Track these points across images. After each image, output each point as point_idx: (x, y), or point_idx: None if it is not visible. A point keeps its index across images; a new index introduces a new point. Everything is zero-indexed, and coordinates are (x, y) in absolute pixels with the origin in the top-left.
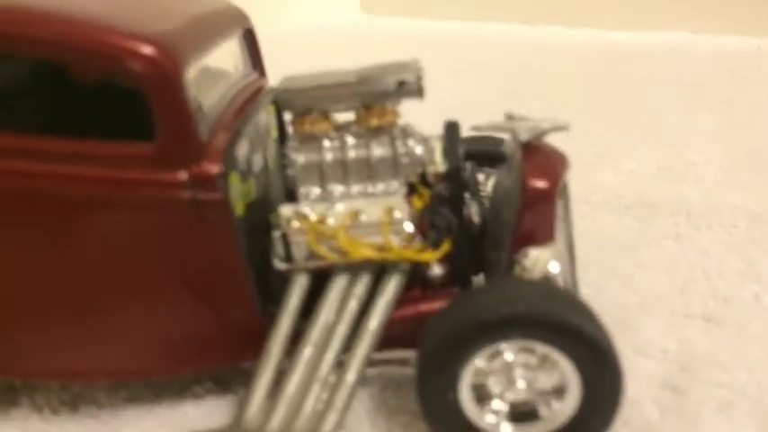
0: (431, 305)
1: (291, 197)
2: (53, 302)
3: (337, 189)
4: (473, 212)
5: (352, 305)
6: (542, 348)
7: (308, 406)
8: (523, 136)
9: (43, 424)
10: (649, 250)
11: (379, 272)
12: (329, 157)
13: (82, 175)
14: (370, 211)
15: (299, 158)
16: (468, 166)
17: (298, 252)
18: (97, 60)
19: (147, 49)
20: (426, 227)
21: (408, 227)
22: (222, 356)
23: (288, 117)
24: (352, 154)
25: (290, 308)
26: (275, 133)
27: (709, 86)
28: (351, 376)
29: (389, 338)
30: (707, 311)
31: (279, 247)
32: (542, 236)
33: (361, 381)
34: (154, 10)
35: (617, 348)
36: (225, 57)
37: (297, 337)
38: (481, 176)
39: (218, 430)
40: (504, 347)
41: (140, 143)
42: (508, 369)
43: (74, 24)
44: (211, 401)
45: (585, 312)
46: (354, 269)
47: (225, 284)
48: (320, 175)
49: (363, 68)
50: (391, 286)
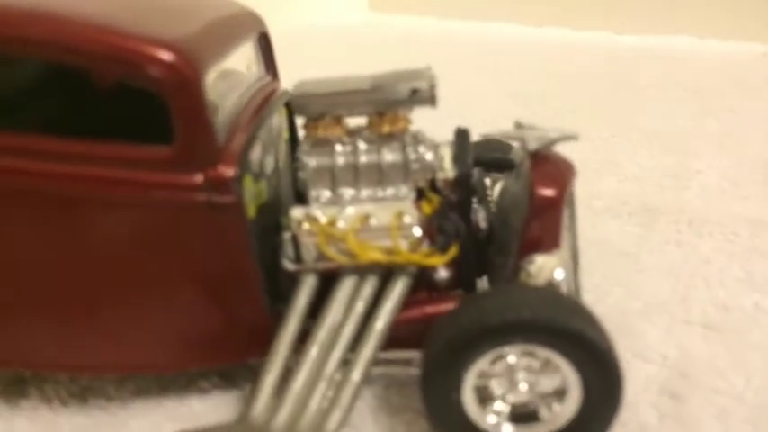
0: (436, 307)
1: (301, 198)
2: (67, 297)
3: (348, 193)
4: (480, 218)
5: (359, 306)
6: (544, 352)
7: (314, 403)
8: (532, 145)
9: (52, 415)
10: (651, 257)
11: (387, 274)
12: (341, 161)
13: (101, 177)
14: (380, 216)
15: (310, 162)
16: (476, 171)
17: (307, 253)
18: (117, 65)
19: (166, 55)
20: (434, 231)
21: (417, 231)
22: (231, 353)
23: (300, 121)
24: (363, 159)
25: (298, 307)
26: (287, 135)
27: (715, 93)
28: (356, 375)
29: (395, 339)
30: (707, 318)
31: (288, 249)
32: (548, 243)
33: (366, 380)
34: (172, 14)
35: (617, 353)
36: (239, 59)
37: (304, 336)
38: (488, 181)
39: (225, 425)
40: (508, 351)
41: (158, 146)
42: (511, 372)
43: (93, 29)
44: (217, 396)
45: (587, 318)
46: (362, 271)
47: (235, 284)
48: (331, 178)
49: (377, 75)
50: (398, 289)
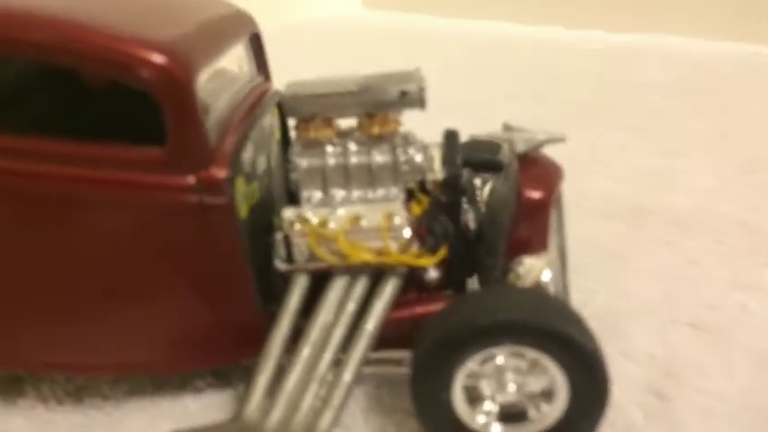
0: (426, 308)
1: (293, 198)
2: (62, 298)
3: (339, 194)
4: (470, 219)
5: (351, 307)
6: (533, 354)
7: (306, 403)
8: (520, 147)
9: (49, 414)
10: (639, 257)
11: (378, 275)
12: (331, 162)
13: (94, 177)
14: (370, 217)
15: (302, 163)
16: (466, 172)
17: (299, 254)
18: (111, 68)
19: (158, 58)
20: (424, 232)
21: (407, 233)
22: (224, 353)
23: (292, 122)
24: (353, 160)
25: (290, 307)
26: (278, 135)
27: (705, 93)
28: (347, 376)
29: (385, 339)
30: (694, 319)
31: (280, 249)
32: (536, 244)
33: (358, 380)
34: (165, 16)
35: (604, 354)
36: (231, 59)
37: (297, 336)
38: (478, 181)
39: (219, 425)
40: (497, 352)
41: (151, 147)
42: (499, 372)
43: (88, 31)
44: (211, 395)
45: (575, 320)
46: (353, 272)
47: (227, 284)
48: (322, 179)
49: (367, 77)
50: (388, 289)
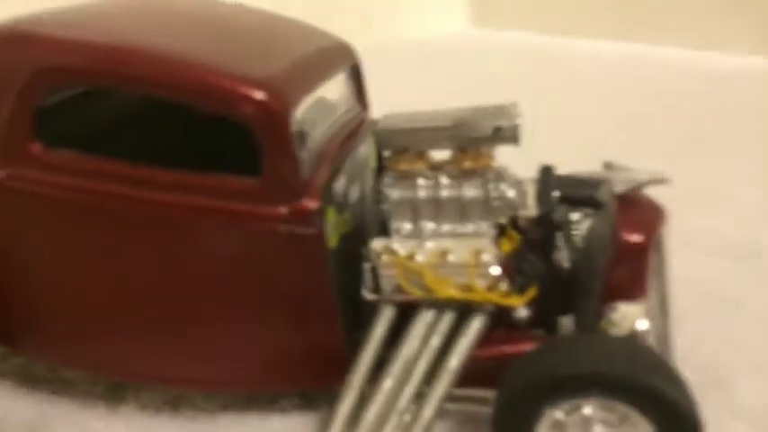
0: (513, 347)
1: (385, 228)
2: (159, 315)
3: (428, 226)
4: (563, 258)
5: (435, 341)
6: (622, 407)
7: None
8: (618, 188)
9: (147, 421)
10: (756, 304)
11: (464, 311)
12: (422, 194)
13: (194, 205)
14: (459, 252)
15: (393, 194)
16: (562, 208)
17: (386, 285)
18: (212, 103)
19: (257, 94)
20: (513, 270)
21: (495, 270)
22: (308, 378)
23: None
24: (444, 193)
25: (375, 338)
26: (374, 164)
27: None
28: (428, 412)
29: (471, 376)
30: None
31: (368, 279)
32: (634, 291)
33: (438, 416)
34: (264, 50)
35: (700, 414)
36: (331, 88)
37: (381, 366)
38: (576, 216)
39: None
40: (583, 403)
41: (247, 178)
42: (587, 423)
43: (190, 67)
44: (297, 417)
45: (670, 375)
46: (440, 306)
47: (314, 311)
48: (413, 211)
49: (461, 110)
50: (474, 326)
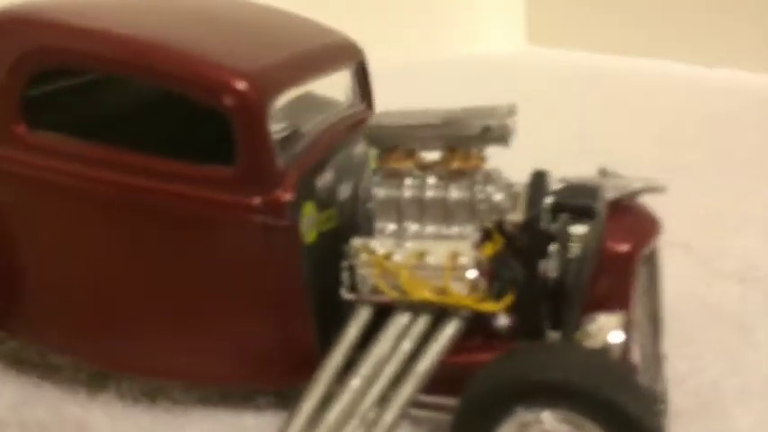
0: (486, 356)
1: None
2: (135, 301)
3: (412, 227)
4: (550, 267)
5: (406, 345)
6: (583, 422)
7: None
8: (610, 194)
9: (123, 410)
10: (765, 330)
11: (440, 315)
12: (407, 194)
13: (170, 191)
14: (437, 254)
15: (379, 193)
16: (563, 217)
17: (363, 284)
18: (191, 90)
19: (236, 84)
20: (493, 275)
21: (471, 274)
22: (279, 375)
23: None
24: (429, 194)
25: (348, 338)
26: (374, 164)
27: None
28: (389, 416)
29: (442, 383)
30: None
31: (346, 278)
32: (616, 303)
33: (400, 420)
34: (258, 43)
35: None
36: (338, 86)
37: (350, 367)
38: (580, 230)
39: None
40: (543, 414)
41: (223, 167)
42: None
43: (172, 53)
44: (270, 415)
45: (635, 391)
46: (416, 309)
47: (285, 306)
48: (397, 211)
49: (453, 110)
50: (448, 332)
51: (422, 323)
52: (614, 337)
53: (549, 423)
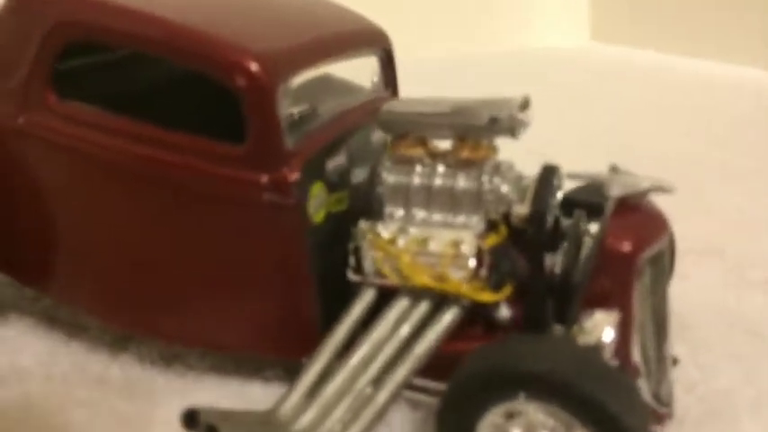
0: (470, 345)
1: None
2: (151, 268)
3: (419, 214)
4: (555, 262)
5: (405, 329)
6: (565, 417)
7: (337, 414)
8: (615, 191)
9: (140, 371)
10: None
11: (441, 302)
12: (416, 181)
13: (184, 164)
14: (439, 241)
15: (388, 178)
16: (579, 213)
17: (367, 266)
18: (207, 68)
19: (248, 63)
20: (494, 266)
21: (471, 263)
22: (282, 347)
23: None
24: (437, 182)
25: (351, 317)
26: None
27: None
28: (382, 396)
29: (439, 370)
30: None
31: (352, 259)
32: (615, 302)
33: (392, 402)
34: (278, 25)
35: None
36: (365, 71)
37: (350, 347)
38: (594, 227)
39: (249, 413)
40: (526, 407)
41: (233, 144)
42: (530, 429)
43: (191, 33)
44: (277, 387)
45: (618, 389)
46: (417, 295)
47: (290, 283)
48: (406, 197)
49: (465, 99)
50: (446, 318)
51: (422, 309)
52: (607, 336)
53: (534, 414)
